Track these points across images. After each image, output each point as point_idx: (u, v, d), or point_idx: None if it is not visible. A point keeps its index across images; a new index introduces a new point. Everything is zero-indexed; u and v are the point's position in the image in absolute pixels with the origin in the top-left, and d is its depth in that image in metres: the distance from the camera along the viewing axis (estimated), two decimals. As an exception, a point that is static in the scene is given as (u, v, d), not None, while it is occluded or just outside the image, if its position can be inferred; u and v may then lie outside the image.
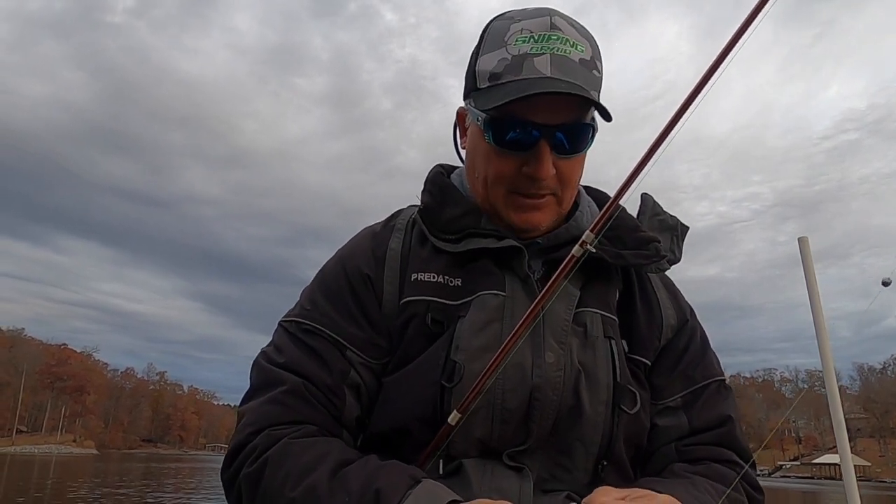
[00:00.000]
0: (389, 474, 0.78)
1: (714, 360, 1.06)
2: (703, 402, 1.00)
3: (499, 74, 0.91)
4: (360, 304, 0.97)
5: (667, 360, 1.02)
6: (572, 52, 0.90)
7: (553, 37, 0.90)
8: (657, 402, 0.99)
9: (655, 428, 0.98)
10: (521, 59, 0.89)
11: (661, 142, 0.86)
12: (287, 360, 0.93)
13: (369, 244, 1.02)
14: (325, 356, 0.93)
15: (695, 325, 1.07)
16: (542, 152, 0.90)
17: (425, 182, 1.06)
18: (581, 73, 0.90)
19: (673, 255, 1.03)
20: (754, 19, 0.84)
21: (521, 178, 0.93)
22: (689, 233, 1.08)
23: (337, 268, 1.02)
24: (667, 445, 0.98)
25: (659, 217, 1.06)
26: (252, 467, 0.84)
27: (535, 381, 0.88)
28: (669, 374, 1.01)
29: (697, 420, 0.98)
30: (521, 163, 0.92)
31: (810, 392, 79.76)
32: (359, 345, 0.94)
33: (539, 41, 0.89)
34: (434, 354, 0.90)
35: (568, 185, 0.96)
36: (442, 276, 0.95)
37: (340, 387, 0.92)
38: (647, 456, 0.99)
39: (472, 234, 0.97)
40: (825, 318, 2.45)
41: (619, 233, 0.98)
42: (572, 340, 0.92)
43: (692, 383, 1.01)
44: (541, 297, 0.88)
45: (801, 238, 2.50)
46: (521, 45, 0.90)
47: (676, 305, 1.06)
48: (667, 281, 1.10)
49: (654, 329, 1.01)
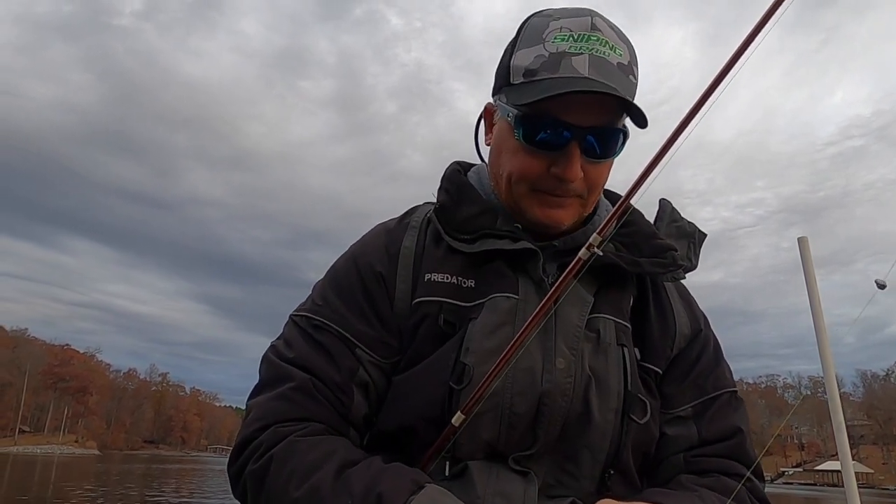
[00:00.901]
0: (393, 478, 0.77)
1: (727, 370, 1.05)
2: (714, 414, 0.98)
3: (535, 71, 0.89)
4: (372, 302, 0.96)
5: (679, 369, 1.00)
6: (611, 55, 0.89)
7: (593, 37, 0.88)
8: (667, 412, 0.98)
9: (664, 437, 0.97)
10: (558, 56, 0.88)
11: (668, 146, 0.85)
12: (296, 356, 0.92)
13: (383, 241, 1.01)
14: (335, 353, 0.92)
15: (708, 335, 1.06)
16: (572, 154, 0.89)
17: (442, 179, 1.04)
18: (618, 76, 0.89)
19: (689, 263, 1.02)
20: (765, 24, 0.83)
21: (548, 177, 0.91)
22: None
23: (349, 264, 1.00)
24: (675, 455, 0.96)
25: (677, 224, 1.05)
26: (257, 464, 0.84)
27: (544, 386, 0.87)
28: (681, 383, 1.00)
29: (707, 431, 0.96)
30: (550, 163, 0.90)
31: (813, 398, 79.36)
32: (368, 343, 0.94)
33: (578, 41, 0.88)
34: (444, 355, 0.90)
35: (594, 189, 0.95)
36: (455, 278, 0.94)
37: (349, 384, 0.91)
38: (655, 465, 0.97)
39: (487, 235, 0.96)
40: (826, 322, 2.45)
41: (635, 239, 0.97)
42: (584, 346, 0.91)
43: (703, 394, 0.99)
44: (547, 300, 0.87)
45: (800, 238, 2.46)
46: (559, 42, 0.88)
47: (691, 314, 1.05)
48: (681, 289, 1.08)
49: (667, 338, 1.00)
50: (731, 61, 0.84)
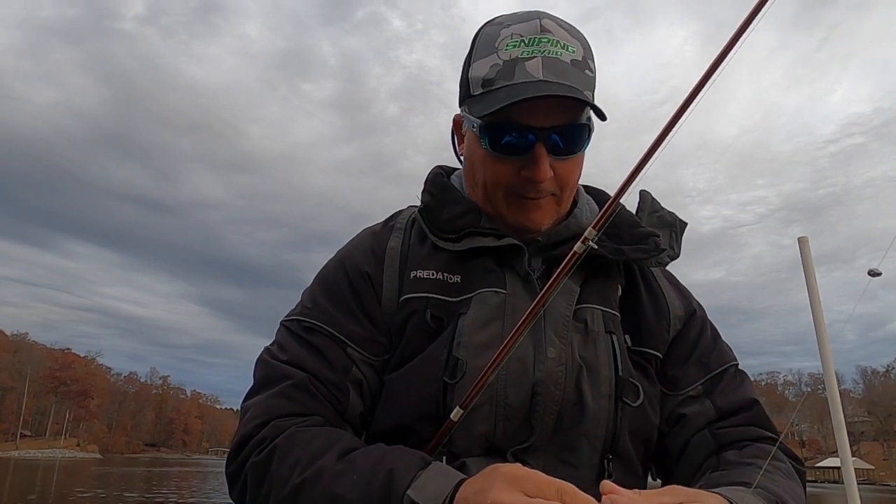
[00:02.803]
0: (400, 457, 0.79)
1: (726, 346, 1.08)
2: (724, 387, 1.01)
3: (491, 80, 0.91)
4: (361, 302, 0.98)
5: (679, 351, 1.03)
6: (563, 54, 0.90)
7: (543, 39, 0.90)
8: (678, 393, 1.00)
9: (683, 419, 0.99)
10: (512, 63, 0.90)
11: (661, 141, 0.87)
12: (290, 357, 0.94)
13: (369, 244, 1.03)
14: (328, 353, 0.94)
15: (703, 315, 1.09)
16: (539, 155, 0.90)
17: (425, 182, 1.07)
18: (573, 73, 0.90)
19: (672, 251, 1.05)
20: (752, 21, 0.85)
21: (520, 181, 0.93)
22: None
23: (337, 267, 1.03)
24: (699, 433, 0.98)
25: (657, 214, 1.07)
26: (260, 456, 0.84)
27: (537, 375, 0.89)
28: (684, 364, 1.02)
29: (723, 404, 0.99)
30: (519, 166, 0.92)
31: (813, 395, 79.44)
32: (359, 342, 0.95)
33: (529, 45, 0.90)
34: (436, 351, 0.91)
35: (566, 185, 0.97)
36: (441, 274, 0.96)
37: (344, 383, 0.93)
38: (681, 448, 0.98)
39: (472, 233, 0.98)
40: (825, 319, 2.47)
41: (617, 230, 0.99)
42: (573, 336, 0.93)
43: (709, 370, 1.02)
44: (544, 292, 0.88)
45: (800, 238, 2.47)
46: (511, 49, 0.90)
47: (681, 296, 1.08)
48: (669, 275, 1.11)
49: (662, 321, 1.02)
50: (718, 58, 0.85)
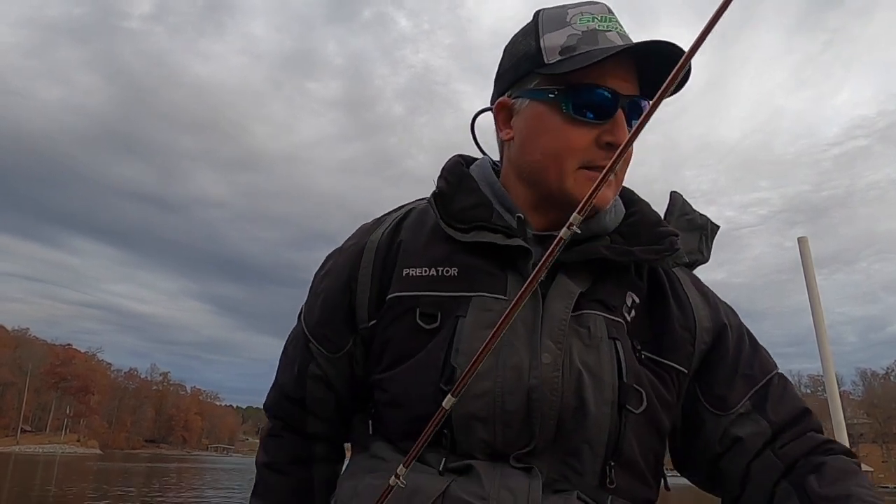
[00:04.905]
0: None
1: (765, 353, 1.02)
2: (773, 399, 0.96)
3: (573, 47, 0.89)
4: (332, 295, 1.01)
5: (721, 367, 0.98)
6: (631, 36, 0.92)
7: (613, 18, 0.92)
8: (728, 413, 0.96)
9: (739, 442, 0.94)
10: (591, 33, 0.89)
11: (641, 126, 0.82)
12: (280, 364, 1.11)
13: (356, 238, 1.04)
14: (297, 347, 1.05)
15: (738, 323, 1.03)
16: (621, 119, 0.89)
17: (442, 169, 1.03)
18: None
19: (701, 255, 1.01)
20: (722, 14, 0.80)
21: (596, 149, 0.90)
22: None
23: (326, 261, 1.07)
24: (761, 456, 0.93)
25: (687, 216, 1.04)
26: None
27: (531, 382, 0.86)
28: (730, 381, 0.97)
29: (776, 417, 0.95)
30: (598, 133, 0.89)
31: (812, 396, 79.31)
32: (318, 337, 1.02)
33: (603, 21, 0.90)
34: (433, 355, 0.89)
35: (626, 164, 0.95)
36: (435, 269, 0.94)
37: (302, 378, 1.04)
38: (744, 472, 0.94)
39: (481, 227, 0.94)
40: (826, 320, 2.47)
41: (636, 229, 0.96)
42: (573, 342, 0.89)
43: (754, 383, 0.97)
44: (532, 278, 0.76)
45: (800, 238, 2.46)
46: (587, 23, 0.90)
47: (709, 307, 1.01)
48: (698, 283, 1.05)
49: (687, 331, 0.97)
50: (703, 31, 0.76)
